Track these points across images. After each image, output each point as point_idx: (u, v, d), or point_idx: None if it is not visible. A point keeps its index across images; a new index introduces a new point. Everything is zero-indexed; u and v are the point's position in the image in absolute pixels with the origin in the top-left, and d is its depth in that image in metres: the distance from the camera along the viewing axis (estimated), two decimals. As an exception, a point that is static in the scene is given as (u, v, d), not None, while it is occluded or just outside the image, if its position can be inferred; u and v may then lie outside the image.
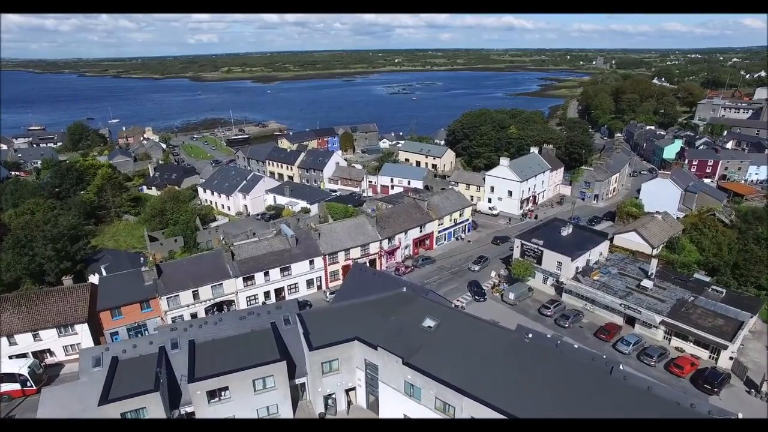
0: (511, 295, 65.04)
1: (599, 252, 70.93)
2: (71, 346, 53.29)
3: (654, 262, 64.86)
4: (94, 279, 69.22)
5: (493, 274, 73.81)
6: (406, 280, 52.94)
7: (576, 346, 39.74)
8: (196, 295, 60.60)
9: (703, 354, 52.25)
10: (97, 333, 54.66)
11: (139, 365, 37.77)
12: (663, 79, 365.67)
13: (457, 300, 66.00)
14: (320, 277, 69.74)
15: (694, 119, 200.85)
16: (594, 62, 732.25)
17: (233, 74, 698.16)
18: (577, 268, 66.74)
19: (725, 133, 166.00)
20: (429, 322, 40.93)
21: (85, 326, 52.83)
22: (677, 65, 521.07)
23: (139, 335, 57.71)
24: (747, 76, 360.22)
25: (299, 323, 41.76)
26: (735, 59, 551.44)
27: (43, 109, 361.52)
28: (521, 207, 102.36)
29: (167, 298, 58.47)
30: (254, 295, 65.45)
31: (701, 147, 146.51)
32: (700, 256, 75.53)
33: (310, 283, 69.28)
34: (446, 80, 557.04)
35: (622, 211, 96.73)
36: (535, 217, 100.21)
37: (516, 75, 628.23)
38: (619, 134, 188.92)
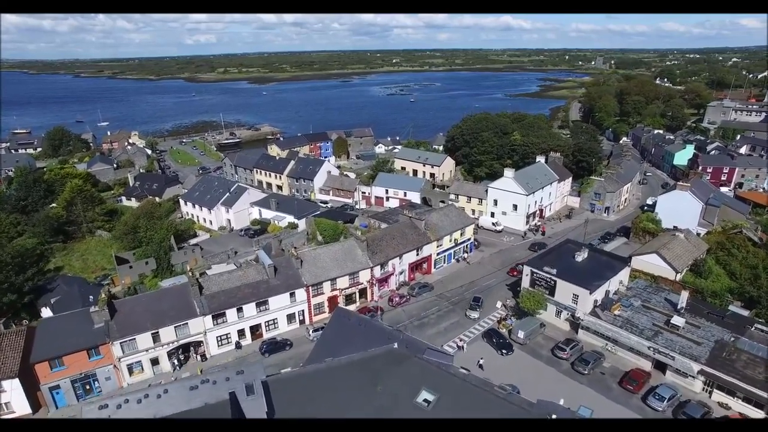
0: (521, 334, 56.72)
1: (619, 280, 62.64)
2: (-1, 405, 44.88)
3: (684, 294, 56.52)
4: (46, 313, 61.01)
5: (498, 304, 65.48)
6: (399, 331, 44.32)
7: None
8: (156, 338, 52.21)
9: (756, 413, 43.95)
10: (33, 388, 46.23)
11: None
12: (666, 79, 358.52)
13: (459, 339, 57.68)
14: (303, 310, 61.36)
15: (703, 122, 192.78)
16: (593, 62, 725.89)
17: (229, 75, 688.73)
18: (596, 300, 58.43)
19: (738, 137, 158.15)
20: (426, 396, 32.64)
21: (16, 381, 44.35)
22: (677, 65, 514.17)
23: (88, 387, 49.50)
24: (750, 76, 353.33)
25: (263, 396, 33.37)
26: (735, 59, 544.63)
27: (32, 112, 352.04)
28: (527, 222, 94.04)
29: (121, 342, 50.06)
30: (226, 335, 57.12)
31: (713, 152, 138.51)
32: (730, 282, 67.39)
33: (291, 318, 60.88)
34: (444, 81, 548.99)
35: (637, 227, 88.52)
36: (542, 234, 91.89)
37: (515, 75, 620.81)
38: (625, 138, 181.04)
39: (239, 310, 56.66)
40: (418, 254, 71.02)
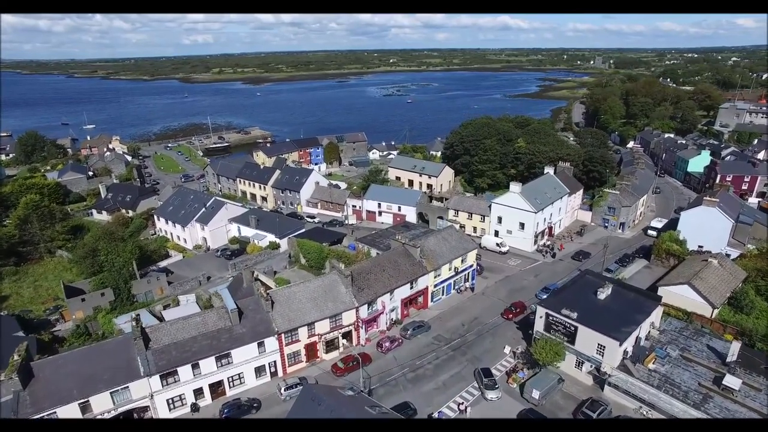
0: (536, 393, 46.76)
1: (650, 322, 52.85)
2: None
3: (736, 345, 46.72)
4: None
5: (507, 350, 55.57)
6: (384, 413, 34.15)
7: None
8: (86, 408, 42.08)
9: None
10: None
11: None
12: (669, 80, 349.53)
13: (461, 399, 47.67)
14: (275, 361, 51.33)
15: (715, 125, 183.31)
16: (592, 62, 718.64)
17: (224, 75, 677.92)
18: (625, 351, 48.62)
19: (756, 141, 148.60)
20: None
21: None
22: (677, 65, 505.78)
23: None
24: (754, 76, 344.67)
25: None
26: (734, 59, 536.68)
27: (17, 113, 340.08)
28: (535, 242, 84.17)
29: (38, 419, 39.94)
30: (179, 396, 47.02)
31: (728, 158, 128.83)
32: (777, 319, 57.71)
33: (260, 370, 50.80)
34: (442, 81, 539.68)
35: (660, 249, 78.63)
36: (553, 255, 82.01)
37: (513, 75, 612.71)
38: (633, 142, 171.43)
39: (195, 366, 46.63)
40: (412, 287, 61.00)
